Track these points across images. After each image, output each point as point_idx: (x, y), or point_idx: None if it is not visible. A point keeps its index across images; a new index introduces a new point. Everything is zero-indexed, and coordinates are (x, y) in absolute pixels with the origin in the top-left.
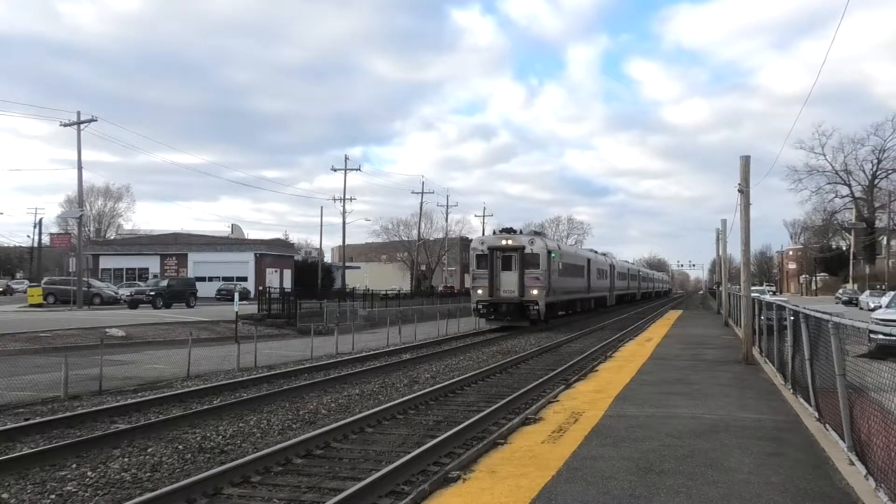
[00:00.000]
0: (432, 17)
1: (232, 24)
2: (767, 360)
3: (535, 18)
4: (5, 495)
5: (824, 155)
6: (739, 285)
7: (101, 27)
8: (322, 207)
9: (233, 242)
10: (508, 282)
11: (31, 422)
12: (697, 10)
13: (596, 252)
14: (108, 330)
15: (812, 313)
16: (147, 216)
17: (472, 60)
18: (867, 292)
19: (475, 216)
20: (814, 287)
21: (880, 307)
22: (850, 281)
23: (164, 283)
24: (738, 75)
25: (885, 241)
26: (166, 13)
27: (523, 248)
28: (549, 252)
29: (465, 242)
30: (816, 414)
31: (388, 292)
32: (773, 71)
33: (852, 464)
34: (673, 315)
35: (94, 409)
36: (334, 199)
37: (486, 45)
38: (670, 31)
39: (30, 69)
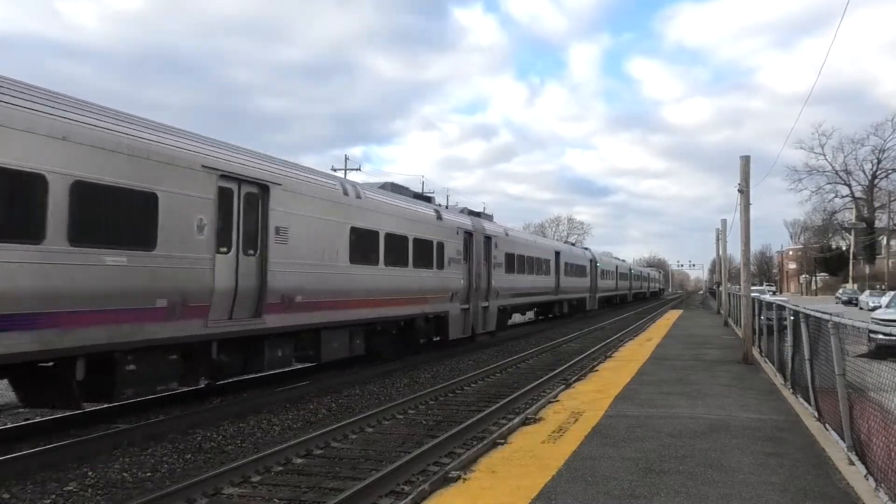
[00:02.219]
0: (434, 16)
1: (233, 24)
2: (767, 360)
3: (536, 17)
4: (6, 495)
5: (824, 155)
6: (739, 285)
7: (101, 26)
8: None
9: None
10: None
11: (31, 422)
12: (699, 9)
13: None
14: None
15: (812, 313)
16: None
17: (473, 59)
18: (867, 292)
19: None
20: (814, 287)
21: (880, 307)
22: (850, 281)
23: None
24: (739, 74)
25: (885, 241)
26: (167, 12)
27: None
28: None
29: None
30: (816, 414)
31: None
32: (775, 70)
33: (852, 464)
34: (673, 315)
35: (95, 408)
36: None
37: (487, 44)
38: (672, 30)
39: (29, 68)
